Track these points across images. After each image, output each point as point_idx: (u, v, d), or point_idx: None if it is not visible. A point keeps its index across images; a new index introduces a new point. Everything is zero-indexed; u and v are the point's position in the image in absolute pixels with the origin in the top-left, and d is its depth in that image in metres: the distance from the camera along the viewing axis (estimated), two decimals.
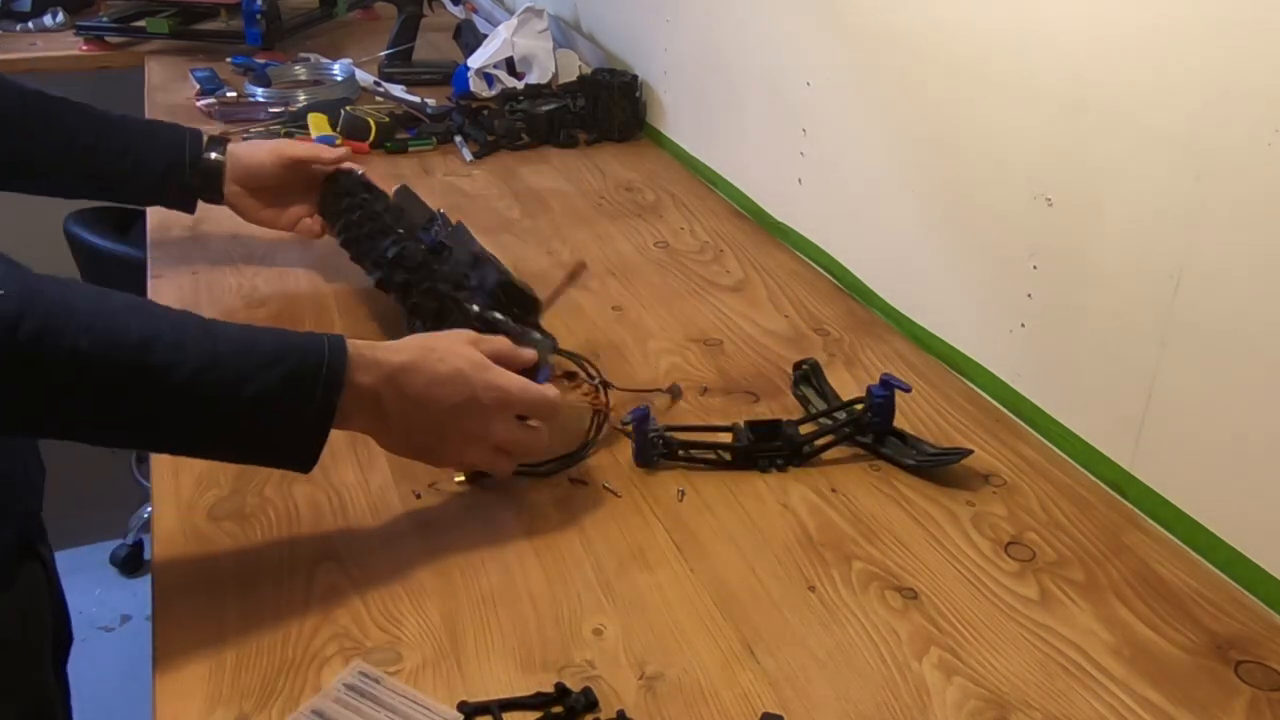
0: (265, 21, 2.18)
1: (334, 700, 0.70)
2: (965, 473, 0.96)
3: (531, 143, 1.79)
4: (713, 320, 1.23)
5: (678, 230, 1.48)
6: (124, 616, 2.33)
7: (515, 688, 0.72)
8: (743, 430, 0.97)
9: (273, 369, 0.73)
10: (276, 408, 0.74)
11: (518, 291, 1.01)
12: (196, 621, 0.77)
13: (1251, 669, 0.76)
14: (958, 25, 1.07)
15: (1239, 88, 0.79)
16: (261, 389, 0.73)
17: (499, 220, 1.49)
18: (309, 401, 0.75)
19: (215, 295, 1.24)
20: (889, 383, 0.96)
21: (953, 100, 1.09)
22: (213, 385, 0.71)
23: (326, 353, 0.76)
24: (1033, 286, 1.02)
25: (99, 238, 2.09)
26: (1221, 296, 0.83)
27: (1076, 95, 0.94)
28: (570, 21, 2.20)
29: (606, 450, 0.98)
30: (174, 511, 0.88)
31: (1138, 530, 0.91)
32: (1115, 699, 0.73)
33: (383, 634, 0.76)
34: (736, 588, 0.82)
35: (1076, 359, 0.99)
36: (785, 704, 0.72)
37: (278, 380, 0.73)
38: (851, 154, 1.29)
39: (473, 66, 1.92)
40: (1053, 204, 0.98)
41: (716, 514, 0.90)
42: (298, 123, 1.78)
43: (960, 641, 0.78)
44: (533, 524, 0.88)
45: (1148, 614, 0.81)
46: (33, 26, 2.40)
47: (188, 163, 1.24)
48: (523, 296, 1.01)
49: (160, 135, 1.24)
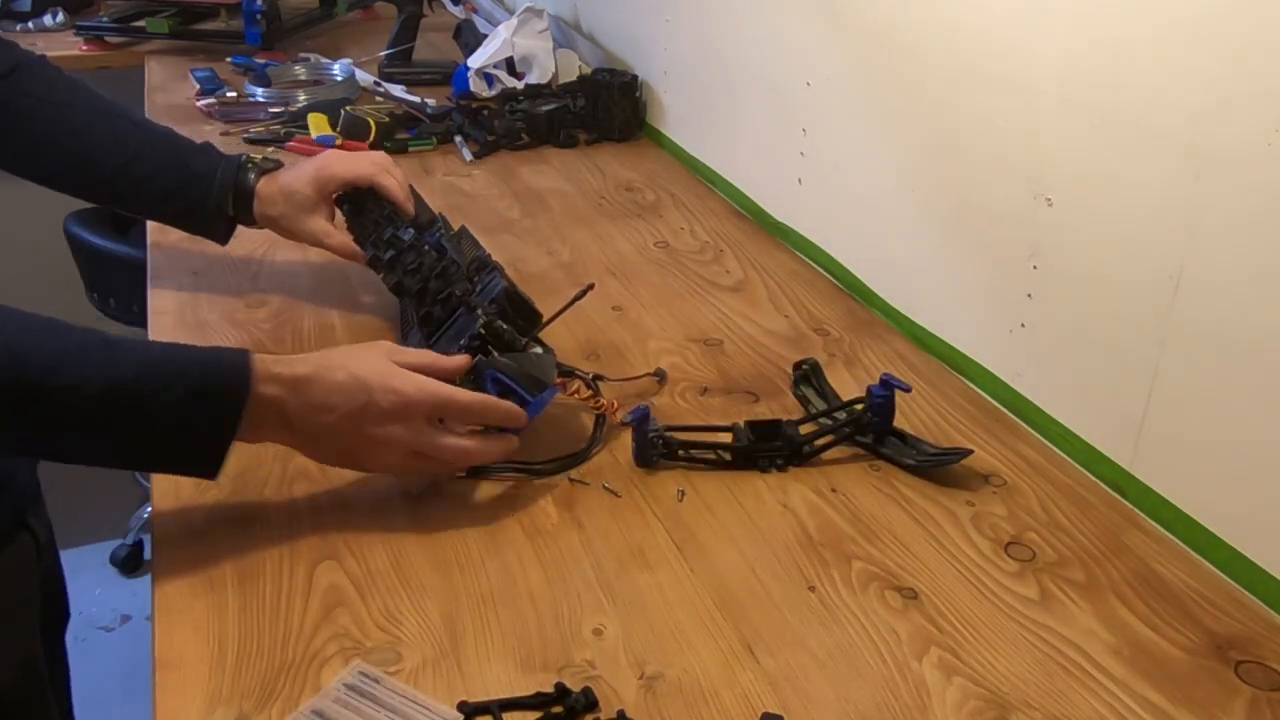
0: (265, 21, 2.18)
1: (334, 700, 0.70)
2: (965, 473, 0.96)
3: (531, 143, 1.79)
4: (713, 320, 1.23)
5: (678, 230, 1.48)
6: (124, 616, 2.33)
7: (515, 688, 0.72)
8: (743, 430, 0.97)
9: (178, 384, 0.76)
10: (183, 420, 0.77)
11: (523, 301, 1.01)
12: (196, 621, 0.77)
13: (1251, 669, 0.76)
14: (958, 25, 1.07)
15: (1239, 88, 0.79)
16: (168, 403, 0.76)
17: (499, 220, 1.49)
18: (213, 413, 0.78)
19: (215, 295, 1.24)
20: (889, 383, 0.96)
21: (953, 100, 1.09)
22: (121, 400, 0.75)
23: (230, 366, 0.79)
24: (1033, 286, 1.02)
25: (99, 238, 2.09)
26: (1221, 296, 0.83)
27: (1076, 95, 0.94)
28: (570, 21, 2.20)
29: (606, 450, 0.98)
30: (174, 511, 0.88)
31: (1138, 530, 0.91)
32: (1115, 699, 0.73)
33: (383, 634, 0.76)
34: (736, 588, 0.82)
35: (1076, 359, 0.99)
36: (785, 704, 0.72)
37: (184, 394, 0.76)
38: (851, 154, 1.29)
39: (473, 66, 1.92)
40: (1053, 204, 0.98)
41: (716, 514, 0.90)
42: (298, 123, 1.78)
43: (960, 641, 0.78)
44: (533, 524, 0.88)
45: (1148, 614, 0.81)
46: (33, 26, 2.40)
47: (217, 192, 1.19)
48: (526, 307, 1.01)
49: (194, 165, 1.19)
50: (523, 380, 0.91)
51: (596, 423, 1.00)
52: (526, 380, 0.91)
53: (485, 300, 1.00)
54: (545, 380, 0.92)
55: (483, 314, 0.96)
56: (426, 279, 1.06)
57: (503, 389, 0.91)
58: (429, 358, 0.89)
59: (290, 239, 1.23)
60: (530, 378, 0.92)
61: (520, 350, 0.95)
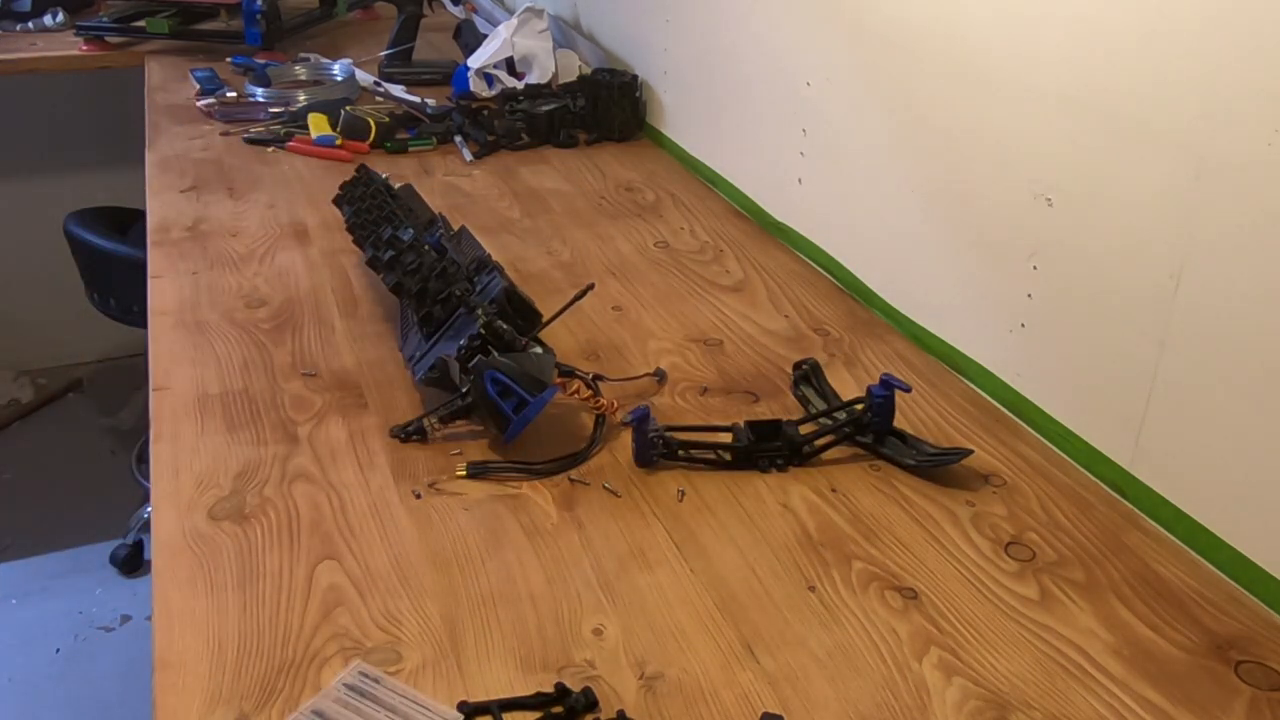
0: (265, 21, 2.18)
1: (334, 700, 0.70)
2: (965, 473, 0.96)
3: (531, 143, 1.79)
4: (713, 320, 1.23)
5: (678, 230, 1.48)
6: (124, 616, 2.33)
7: (515, 688, 0.72)
8: (743, 430, 0.97)
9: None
10: None
11: (522, 301, 1.01)
12: (196, 621, 0.77)
13: (1251, 669, 0.76)
14: (958, 26, 1.07)
15: (1239, 88, 0.79)
16: None
17: (499, 220, 1.49)
18: None
19: (215, 295, 1.24)
20: (889, 383, 0.96)
21: (953, 100, 1.09)
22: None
23: None
24: (1033, 286, 1.02)
25: (99, 238, 2.09)
26: (1221, 296, 0.83)
27: (1076, 95, 0.94)
28: (570, 21, 2.20)
29: (606, 450, 0.98)
30: (174, 511, 0.88)
31: (1138, 530, 0.91)
32: (1115, 699, 0.73)
33: (383, 634, 0.76)
34: (736, 588, 0.82)
35: (1076, 359, 0.99)
36: (785, 704, 0.72)
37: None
38: (851, 154, 1.29)
39: (473, 66, 1.92)
40: (1053, 204, 0.98)
41: (716, 514, 0.90)
42: (298, 123, 1.78)
43: (960, 641, 0.78)
44: (533, 524, 0.88)
45: (1148, 614, 0.81)
46: (33, 26, 2.40)
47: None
48: (526, 307, 1.01)
49: None
50: (522, 380, 0.91)
51: (596, 423, 1.00)
52: (526, 380, 0.91)
53: (485, 300, 1.00)
54: (545, 380, 0.92)
55: (483, 314, 0.96)
56: (426, 279, 1.06)
57: (502, 389, 0.91)
58: None
59: None
60: (529, 377, 0.92)
61: (520, 350, 0.95)
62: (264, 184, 1.59)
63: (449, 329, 1.01)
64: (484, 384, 0.92)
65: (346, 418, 1.01)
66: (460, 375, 0.96)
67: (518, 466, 0.94)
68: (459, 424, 0.99)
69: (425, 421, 0.98)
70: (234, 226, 1.43)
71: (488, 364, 0.93)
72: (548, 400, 0.93)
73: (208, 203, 1.51)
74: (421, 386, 1.03)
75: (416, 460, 0.96)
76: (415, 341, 1.07)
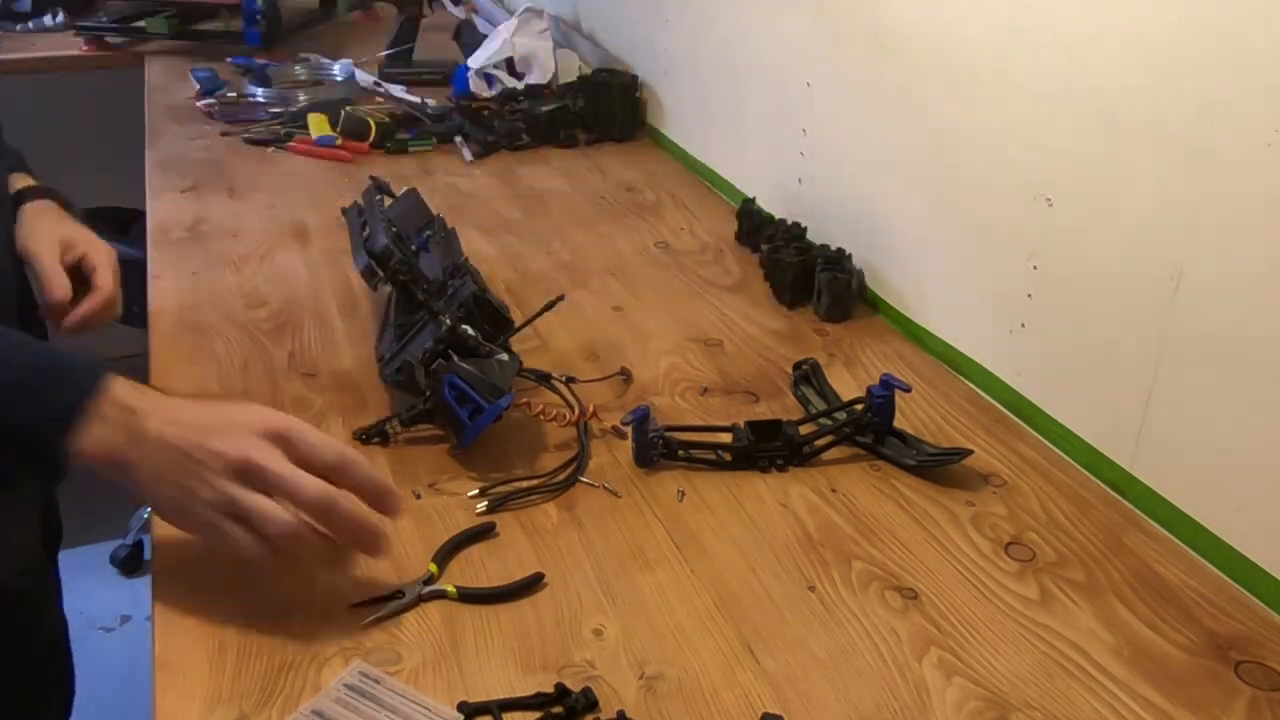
0: (265, 22, 2.18)
1: (334, 700, 0.70)
2: (965, 473, 0.96)
3: (531, 143, 1.79)
4: (713, 320, 1.23)
5: (678, 230, 1.48)
6: (124, 617, 2.33)
7: (515, 688, 0.72)
8: (743, 430, 0.97)
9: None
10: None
11: (491, 307, 1.01)
12: (196, 621, 0.77)
13: (1251, 669, 0.76)
14: (958, 26, 1.07)
15: (1239, 88, 0.79)
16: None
17: (499, 220, 1.49)
18: (56, 397, 0.74)
19: (215, 295, 1.24)
20: (889, 383, 0.97)
21: (953, 100, 1.09)
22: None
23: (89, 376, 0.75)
24: (1033, 286, 1.02)
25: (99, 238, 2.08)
26: (1221, 297, 0.83)
27: (1076, 95, 0.94)
28: (570, 21, 2.20)
29: (607, 450, 0.98)
30: None
31: (1138, 530, 0.91)
32: (1115, 699, 0.73)
33: (383, 634, 0.76)
34: (736, 588, 0.82)
35: (1076, 359, 0.99)
36: (785, 704, 0.72)
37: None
38: (852, 154, 1.29)
39: (473, 67, 1.92)
40: (1053, 204, 0.98)
41: (716, 514, 0.90)
42: (298, 123, 1.78)
43: (960, 641, 0.78)
44: (533, 524, 0.88)
45: (1148, 614, 0.81)
46: (33, 26, 2.40)
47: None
48: (495, 314, 1.01)
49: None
50: (480, 386, 0.92)
51: (580, 431, 0.99)
52: (483, 386, 0.92)
53: (453, 305, 1.00)
54: (503, 387, 0.93)
55: (448, 319, 0.97)
56: (404, 284, 1.05)
57: (459, 394, 0.92)
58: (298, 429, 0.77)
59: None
60: (488, 384, 0.92)
61: (484, 356, 0.96)
62: (264, 184, 1.59)
63: (416, 333, 1.01)
64: (442, 389, 0.92)
65: (346, 418, 1.01)
66: (423, 379, 0.96)
67: (523, 491, 0.91)
68: (421, 428, 0.98)
69: (388, 425, 0.98)
70: (234, 227, 1.43)
71: (447, 369, 0.93)
72: (504, 408, 0.93)
73: (208, 203, 1.51)
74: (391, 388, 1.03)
75: (417, 461, 0.96)
76: (386, 343, 1.07)
